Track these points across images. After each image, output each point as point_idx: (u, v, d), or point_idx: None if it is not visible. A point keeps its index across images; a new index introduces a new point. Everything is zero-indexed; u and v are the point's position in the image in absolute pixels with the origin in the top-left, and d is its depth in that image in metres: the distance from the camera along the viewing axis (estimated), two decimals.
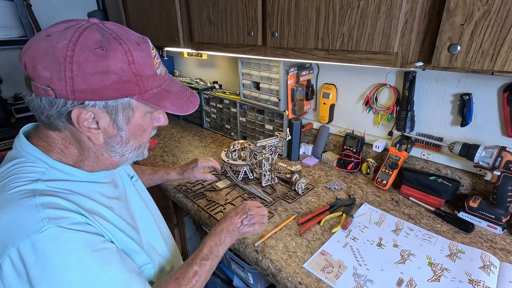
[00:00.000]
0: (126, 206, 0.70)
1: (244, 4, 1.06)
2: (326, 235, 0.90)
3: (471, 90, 0.96)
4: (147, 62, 0.55)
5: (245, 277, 1.10)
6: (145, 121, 0.60)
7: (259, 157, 1.10)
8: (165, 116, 0.66)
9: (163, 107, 0.58)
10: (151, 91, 0.56)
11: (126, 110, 0.56)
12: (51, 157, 0.57)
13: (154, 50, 0.58)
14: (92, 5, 2.10)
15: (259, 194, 1.10)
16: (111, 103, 0.53)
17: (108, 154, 0.61)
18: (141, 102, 0.56)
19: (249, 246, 0.87)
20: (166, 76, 0.61)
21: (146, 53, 0.55)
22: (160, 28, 1.50)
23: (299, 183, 1.10)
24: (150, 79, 0.56)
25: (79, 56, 0.48)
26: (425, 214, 0.99)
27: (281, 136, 1.09)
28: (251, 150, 1.09)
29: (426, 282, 0.74)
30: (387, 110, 1.16)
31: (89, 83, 0.49)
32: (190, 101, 0.63)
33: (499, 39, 0.61)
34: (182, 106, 0.61)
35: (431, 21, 0.70)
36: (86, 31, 0.50)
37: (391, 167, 1.12)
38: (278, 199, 1.08)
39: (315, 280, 0.75)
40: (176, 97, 0.60)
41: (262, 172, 1.13)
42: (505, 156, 0.87)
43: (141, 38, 0.56)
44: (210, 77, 1.98)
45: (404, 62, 0.77)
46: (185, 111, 0.62)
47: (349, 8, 0.80)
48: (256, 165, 1.16)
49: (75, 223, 0.51)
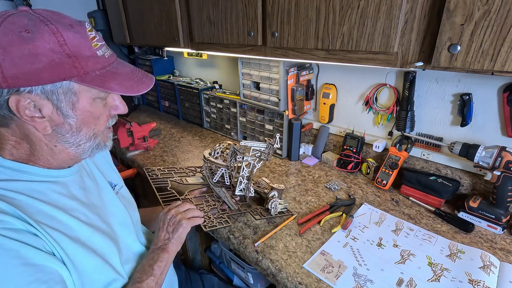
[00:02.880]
0: (98, 211, 0.66)
1: (244, 4, 1.06)
2: (326, 235, 0.90)
3: (471, 90, 0.96)
4: (83, 43, 0.53)
5: (245, 277, 1.10)
6: (96, 107, 0.58)
7: (239, 158, 0.94)
8: (123, 103, 0.63)
9: (109, 89, 0.55)
10: (93, 73, 0.54)
11: (68, 94, 0.54)
12: (1, 155, 0.56)
13: (94, 32, 0.56)
14: (92, 5, 2.10)
15: (225, 199, 0.97)
16: (49, 87, 0.51)
17: (62, 144, 0.58)
18: (83, 85, 0.54)
19: (249, 246, 0.87)
20: (113, 59, 0.59)
21: (80, 34, 0.53)
22: (160, 28, 1.50)
23: (274, 202, 0.95)
24: (90, 60, 0.54)
25: (2, 41, 0.47)
26: (425, 214, 0.99)
27: (270, 142, 0.92)
28: (234, 149, 0.94)
29: (426, 282, 0.74)
30: (387, 110, 1.16)
31: (18, 67, 0.48)
32: (142, 82, 0.60)
33: (499, 39, 0.61)
34: (132, 87, 0.58)
35: (431, 21, 0.70)
36: (10, 17, 0.49)
37: (391, 167, 1.12)
38: (245, 211, 0.98)
39: (315, 280, 0.75)
40: (125, 78, 0.58)
41: (238, 177, 0.97)
42: (505, 156, 0.87)
43: (77, 21, 0.55)
44: (210, 77, 1.98)
45: (404, 62, 0.77)
46: (136, 91, 0.59)
47: (349, 8, 0.80)
48: (235, 168, 1.00)
49: (9, 229, 0.48)
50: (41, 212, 0.54)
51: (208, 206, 0.96)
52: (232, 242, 0.91)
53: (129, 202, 0.83)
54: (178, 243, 0.76)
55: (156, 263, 0.69)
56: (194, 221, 0.80)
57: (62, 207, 0.58)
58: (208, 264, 1.35)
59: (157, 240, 0.76)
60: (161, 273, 0.70)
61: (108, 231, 0.65)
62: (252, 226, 0.95)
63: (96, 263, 0.59)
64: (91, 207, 0.65)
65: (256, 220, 0.95)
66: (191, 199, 0.98)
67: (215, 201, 0.99)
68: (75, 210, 0.60)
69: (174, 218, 0.78)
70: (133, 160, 1.46)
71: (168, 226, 0.77)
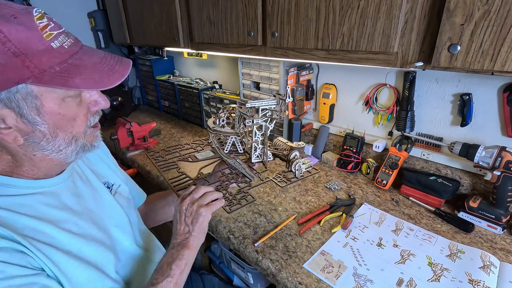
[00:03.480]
0: (92, 217, 0.63)
1: (244, 4, 1.06)
2: (326, 235, 0.90)
3: (471, 90, 0.96)
4: (32, 36, 0.45)
5: (245, 277, 1.10)
6: (68, 108, 0.51)
7: (248, 122, 0.81)
8: (102, 97, 0.56)
9: (73, 86, 0.47)
10: (51, 70, 0.46)
11: (29, 99, 0.47)
12: None
13: (46, 19, 0.47)
14: (92, 5, 2.10)
15: (242, 170, 0.86)
16: (4, 95, 0.45)
17: (40, 153, 0.52)
18: (42, 86, 0.46)
19: (249, 246, 0.87)
20: (76, 48, 0.50)
21: (25, 26, 0.44)
22: (160, 28, 1.50)
23: (298, 163, 0.87)
24: (45, 55, 0.46)
25: None
26: (425, 214, 0.99)
27: (280, 97, 0.80)
28: (240, 113, 0.83)
29: (426, 282, 0.74)
30: (387, 110, 1.16)
31: None
32: (114, 71, 0.52)
33: (499, 39, 0.61)
34: (102, 80, 0.50)
35: (431, 21, 0.70)
36: None
37: (391, 167, 1.12)
38: (267, 179, 0.89)
39: (315, 280, 0.75)
40: (93, 70, 0.50)
41: (252, 144, 0.87)
42: (505, 156, 0.87)
43: (22, 9, 0.46)
44: (210, 77, 1.98)
45: (404, 62, 0.77)
46: (107, 84, 0.51)
47: (349, 8, 0.80)
48: (246, 134, 0.89)
49: None
50: (29, 227, 0.50)
51: (226, 183, 0.85)
52: (232, 242, 0.91)
53: (129, 201, 0.79)
54: (201, 236, 0.68)
55: (174, 262, 0.62)
56: (214, 205, 0.70)
57: (52, 220, 0.54)
58: (208, 264, 1.35)
59: (176, 235, 0.67)
60: (180, 273, 0.62)
61: (103, 238, 0.62)
62: (252, 226, 0.95)
63: (90, 274, 0.56)
64: (85, 214, 0.61)
65: (281, 186, 0.87)
66: (205, 179, 0.88)
67: (232, 175, 0.88)
68: (66, 221, 0.56)
69: (191, 207, 0.68)
70: (133, 160, 1.46)
71: (186, 218, 0.68)
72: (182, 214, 0.68)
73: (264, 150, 0.89)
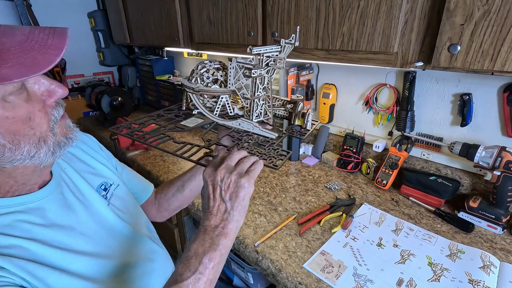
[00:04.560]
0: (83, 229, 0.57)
1: (244, 4, 1.06)
2: (326, 235, 0.90)
3: (471, 90, 0.96)
4: None
5: (245, 277, 1.10)
6: (14, 108, 0.42)
7: (254, 73, 0.65)
8: (55, 83, 0.47)
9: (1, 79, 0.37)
10: None
11: None
12: None
13: None
14: (92, 5, 2.10)
15: (255, 130, 0.70)
16: None
17: (10, 164, 0.45)
18: None
19: (249, 246, 0.87)
20: None
21: None
22: (160, 28, 1.50)
23: (309, 113, 0.77)
24: None
25: None
26: (425, 214, 0.99)
27: (286, 41, 0.67)
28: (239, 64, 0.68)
29: (426, 282, 0.74)
30: (387, 110, 1.16)
31: None
32: (48, 46, 0.42)
33: (499, 39, 0.61)
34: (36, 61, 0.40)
35: (431, 21, 0.70)
36: None
37: (391, 167, 1.12)
38: (284, 135, 0.76)
39: (315, 280, 0.75)
40: (20, 53, 0.40)
41: (253, 100, 0.70)
42: (505, 156, 0.87)
43: None
44: None
45: (404, 62, 0.77)
46: (44, 65, 0.40)
47: (349, 8, 0.80)
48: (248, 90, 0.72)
49: None
50: (10, 246, 0.45)
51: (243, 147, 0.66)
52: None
53: (127, 202, 0.73)
54: (241, 216, 0.53)
55: (207, 253, 0.48)
56: (254, 171, 0.54)
57: (36, 239, 0.48)
58: None
59: (209, 214, 0.52)
60: (214, 267, 0.48)
61: (96, 249, 0.57)
62: (252, 226, 0.95)
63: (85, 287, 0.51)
64: (74, 228, 0.56)
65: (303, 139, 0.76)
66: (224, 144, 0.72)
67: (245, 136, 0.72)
68: (53, 238, 0.51)
69: (228, 178, 0.52)
70: (133, 160, 1.46)
71: (223, 191, 0.52)
72: (216, 187, 0.53)
73: (266, 107, 0.74)
